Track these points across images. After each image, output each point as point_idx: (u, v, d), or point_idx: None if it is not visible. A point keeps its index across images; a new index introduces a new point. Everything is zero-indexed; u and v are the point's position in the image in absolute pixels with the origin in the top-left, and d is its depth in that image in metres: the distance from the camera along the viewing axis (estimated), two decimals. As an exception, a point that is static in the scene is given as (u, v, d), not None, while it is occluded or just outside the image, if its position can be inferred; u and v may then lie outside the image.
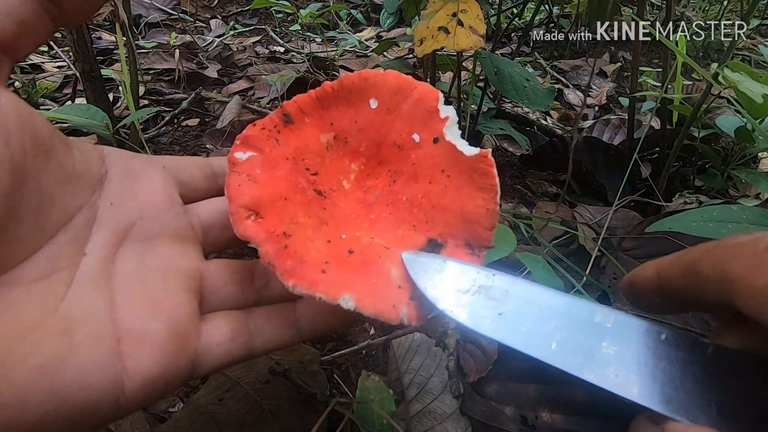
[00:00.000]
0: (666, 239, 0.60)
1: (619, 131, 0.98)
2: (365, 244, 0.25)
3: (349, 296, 0.21)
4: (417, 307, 0.23)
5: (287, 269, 0.22)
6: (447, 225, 0.26)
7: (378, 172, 0.29)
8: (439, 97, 0.28)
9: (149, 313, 0.22)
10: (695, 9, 1.89)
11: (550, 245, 0.61)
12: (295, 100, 0.29)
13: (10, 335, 0.18)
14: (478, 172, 0.26)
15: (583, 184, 0.84)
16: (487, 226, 0.25)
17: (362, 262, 0.24)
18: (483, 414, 0.41)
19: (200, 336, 0.24)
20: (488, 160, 0.26)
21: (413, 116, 0.28)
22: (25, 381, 0.18)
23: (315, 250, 0.24)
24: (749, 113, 0.62)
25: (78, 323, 0.20)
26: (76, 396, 0.19)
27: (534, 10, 1.05)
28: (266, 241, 0.23)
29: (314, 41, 1.58)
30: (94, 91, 0.74)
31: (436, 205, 0.26)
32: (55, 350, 0.19)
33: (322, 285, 0.22)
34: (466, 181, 0.26)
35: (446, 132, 0.27)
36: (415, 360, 0.46)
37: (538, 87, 0.75)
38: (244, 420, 0.41)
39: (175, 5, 1.74)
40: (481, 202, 0.25)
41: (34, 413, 0.18)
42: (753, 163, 0.86)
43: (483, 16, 0.63)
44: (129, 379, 0.20)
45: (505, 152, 1.00)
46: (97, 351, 0.20)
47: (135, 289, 0.23)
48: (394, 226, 0.27)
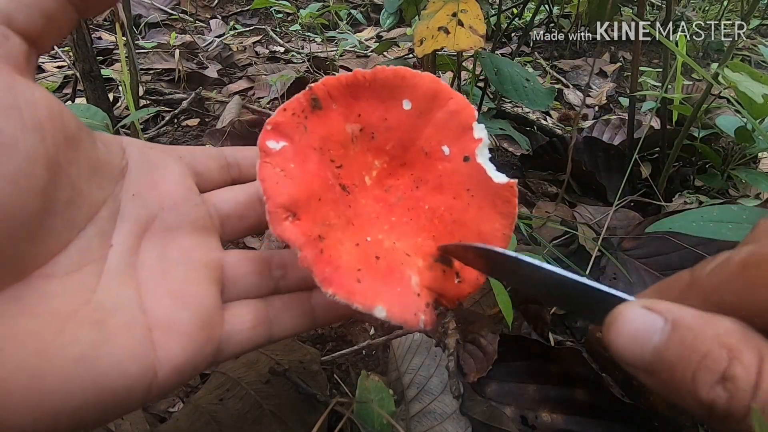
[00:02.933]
0: (666, 239, 0.60)
1: (619, 131, 0.98)
2: (387, 248, 0.26)
3: (381, 307, 0.23)
4: (430, 313, 0.25)
5: (326, 277, 0.23)
6: (464, 241, 0.27)
7: (400, 174, 0.29)
8: (475, 115, 0.28)
9: (175, 303, 0.23)
10: (695, 9, 1.89)
11: (550, 245, 0.61)
12: (324, 83, 0.28)
13: (49, 326, 0.18)
14: (501, 199, 0.27)
15: (583, 184, 0.84)
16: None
17: (387, 269, 0.25)
18: (483, 414, 0.41)
19: (224, 324, 0.25)
20: (513, 189, 0.27)
21: (446, 127, 0.28)
22: (67, 369, 0.18)
23: (346, 254, 0.25)
24: (749, 113, 0.62)
25: (110, 313, 0.21)
26: (113, 383, 0.19)
27: (534, 10, 1.05)
28: (305, 246, 0.24)
29: (314, 41, 1.58)
30: (94, 91, 0.74)
31: (457, 220, 0.27)
32: (91, 340, 0.19)
33: (359, 296, 0.23)
34: (489, 204, 0.27)
35: (478, 153, 0.28)
36: (415, 360, 0.46)
37: (538, 87, 0.75)
38: (244, 420, 0.41)
39: (175, 5, 1.74)
40: (499, 226, 0.27)
41: (75, 400, 0.18)
42: (753, 163, 0.86)
43: (483, 16, 0.63)
44: (160, 366, 0.21)
45: (505, 152, 1.00)
46: (130, 340, 0.21)
47: (160, 279, 0.23)
48: (414, 233, 0.28)
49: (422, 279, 0.26)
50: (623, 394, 0.45)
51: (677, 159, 0.81)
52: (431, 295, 0.25)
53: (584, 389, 0.44)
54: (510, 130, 0.87)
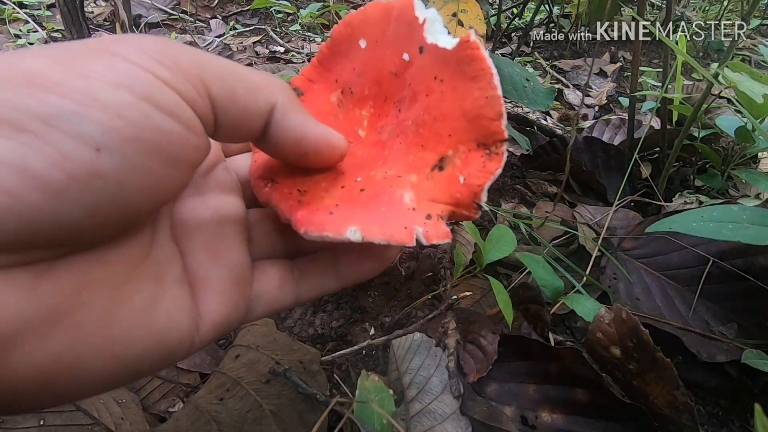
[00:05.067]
0: (666, 239, 0.60)
1: (619, 131, 0.98)
2: (379, 179, 0.24)
3: (354, 228, 0.21)
4: (434, 225, 0.22)
5: (299, 218, 0.22)
6: (453, 132, 0.24)
7: (386, 110, 0.28)
8: (414, 4, 0.26)
9: (210, 260, 0.23)
10: (695, 9, 1.89)
11: (550, 245, 0.61)
12: (301, 72, 0.29)
13: (117, 276, 0.19)
14: (465, 62, 0.23)
15: (583, 184, 0.84)
16: (492, 117, 0.23)
17: (372, 196, 0.23)
18: (483, 414, 0.41)
19: (253, 282, 0.25)
20: (471, 43, 0.23)
21: (397, 37, 0.26)
22: (131, 318, 0.19)
23: (329, 198, 0.24)
24: (749, 113, 0.62)
25: (165, 268, 0.21)
26: (168, 335, 0.20)
27: (534, 10, 1.05)
28: (281, 201, 0.24)
29: (314, 41, 1.58)
30: (94, 91, 0.74)
31: (438, 116, 0.24)
32: (152, 292, 0.20)
33: (329, 224, 0.21)
34: (459, 77, 0.24)
35: (426, 35, 0.25)
36: (415, 360, 0.46)
37: (538, 87, 0.75)
38: (244, 420, 0.41)
39: (175, 5, 1.74)
40: (478, 93, 0.23)
41: (137, 349, 0.19)
42: (753, 163, 0.86)
43: (483, 16, 0.63)
44: (202, 321, 0.22)
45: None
46: (181, 294, 0.21)
47: (194, 237, 0.24)
48: (405, 154, 0.25)
49: (420, 193, 0.23)
50: (623, 394, 0.45)
51: (677, 159, 0.81)
52: (439, 208, 0.23)
53: (584, 389, 0.44)
54: (510, 130, 0.87)
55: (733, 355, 0.48)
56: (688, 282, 0.56)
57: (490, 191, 1.00)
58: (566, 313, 0.57)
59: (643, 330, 0.42)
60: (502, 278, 0.63)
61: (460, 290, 0.58)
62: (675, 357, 0.51)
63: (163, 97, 0.17)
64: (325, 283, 0.27)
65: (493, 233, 0.58)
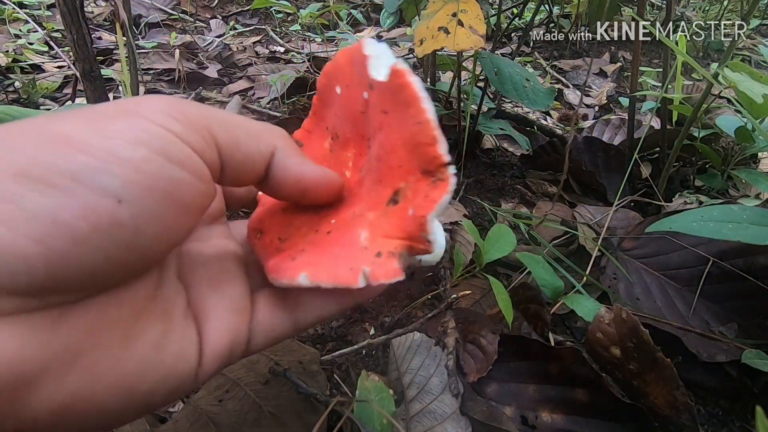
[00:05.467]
0: (666, 239, 0.60)
1: (619, 131, 0.98)
2: (348, 220, 0.24)
3: (304, 275, 0.21)
4: (384, 263, 0.21)
5: (269, 266, 0.23)
6: (402, 163, 0.23)
7: (363, 149, 0.28)
8: (363, 43, 0.25)
9: (212, 290, 0.24)
10: (695, 9, 1.89)
11: (550, 245, 0.61)
12: (303, 125, 0.30)
13: (129, 315, 0.20)
14: (398, 91, 0.23)
15: (583, 184, 0.84)
16: (427, 142, 0.22)
17: (336, 238, 0.23)
18: (483, 414, 0.41)
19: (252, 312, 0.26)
20: (398, 72, 0.22)
21: (359, 77, 0.26)
22: (142, 354, 0.19)
23: (302, 243, 0.24)
24: (749, 113, 0.62)
25: (172, 304, 0.22)
26: (177, 368, 0.21)
27: (534, 10, 1.05)
28: (262, 250, 0.24)
29: (314, 41, 1.58)
30: (94, 91, 0.74)
31: (389, 149, 0.24)
32: (161, 328, 0.21)
33: (288, 272, 0.22)
34: (398, 107, 0.23)
35: (371, 72, 0.24)
36: (415, 360, 0.46)
37: (538, 87, 0.75)
38: (243, 421, 0.41)
39: (175, 5, 1.74)
40: (411, 120, 0.22)
41: (148, 383, 0.20)
42: (753, 163, 0.86)
43: (483, 16, 0.63)
44: (204, 354, 0.22)
45: (505, 152, 1.00)
46: (187, 327, 0.22)
47: (198, 270, 0.25)
48: (369, 191, 0.25)
49: (374, 230, 0.22)
50: (623, 394, 0.45)
51: (677, 159, 0.81)
52: (392, 244, 0.22)
53: (584, 389, 0.44)
54: (510, 130, 0.87)
55: (733, 355, 0.48)
56: (688, 282, 0.56)
57: (491, 191, 0.99)
58: (566, 313, 0.57)
59: (643, 330, 0.42)
60: (502, 278, 0.63)
61: (459, 290, 0.58)
62: (675, 357, 0.51)
63: (175, 149, 0.19)
64: (325, 306, 0.27)
65: (493, 233, 0.58)
